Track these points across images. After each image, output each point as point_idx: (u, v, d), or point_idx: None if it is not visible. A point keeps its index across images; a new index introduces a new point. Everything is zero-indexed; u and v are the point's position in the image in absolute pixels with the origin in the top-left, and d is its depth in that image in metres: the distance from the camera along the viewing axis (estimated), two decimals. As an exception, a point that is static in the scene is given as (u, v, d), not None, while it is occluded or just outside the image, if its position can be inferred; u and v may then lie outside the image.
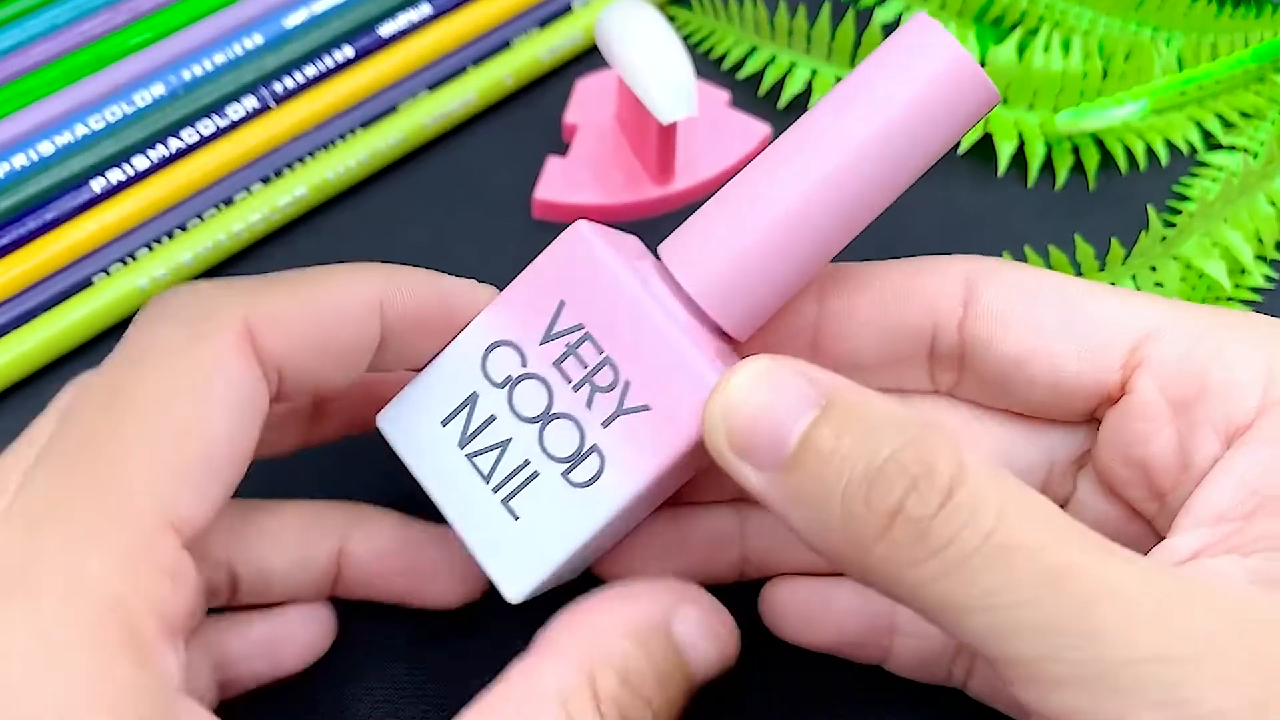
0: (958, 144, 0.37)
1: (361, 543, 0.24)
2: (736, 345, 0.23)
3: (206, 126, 0.35)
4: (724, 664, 0.22)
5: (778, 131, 0.37)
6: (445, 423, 0.22)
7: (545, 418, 0.21)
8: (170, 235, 0.34)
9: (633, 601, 0.21)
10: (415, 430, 0.22)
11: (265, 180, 0.35)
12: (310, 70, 0.36)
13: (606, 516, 0.21)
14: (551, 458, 0.21)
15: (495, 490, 0.22)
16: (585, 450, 0.21)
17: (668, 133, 0.34)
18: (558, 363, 0.21)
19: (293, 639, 0.24)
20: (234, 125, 0.35)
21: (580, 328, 0.21)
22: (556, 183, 0.35)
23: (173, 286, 0.23)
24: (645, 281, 0.21)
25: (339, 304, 0.21)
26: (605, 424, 0.21)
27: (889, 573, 0.19)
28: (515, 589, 0.22)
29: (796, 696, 0.26)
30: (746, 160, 0.37)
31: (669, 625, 0.21)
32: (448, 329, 0.22)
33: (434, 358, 0.22)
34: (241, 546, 0.23)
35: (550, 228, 0.35)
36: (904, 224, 0.32)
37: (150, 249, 0.33)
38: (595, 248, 0.21)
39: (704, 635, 0.21)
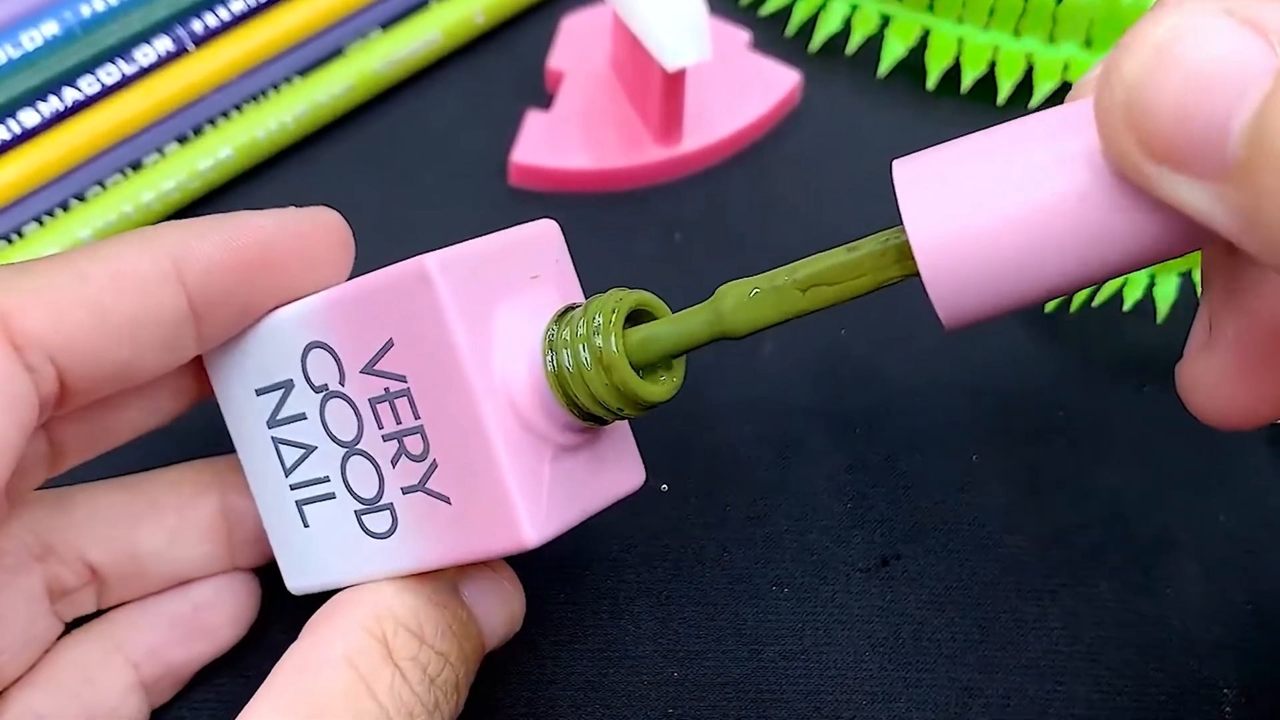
0: (994, 94, 0.36)
1: (244, 495, 0.26)
2: (597, 436, 0.23)
3: (110, 74, 0.34)
4: (512, 626, 0.25)
5: (808, 80, 0.37)
6: (260, 393, 0.24)
7: (351, 449, 0.23)
8: (65, 207, 0.33)
9: (415, 577, 0.23)
10: (233, 386, 0.24)
11: (182, 140, 0.34)
12: (237, 4, 0.35)
13: (390, 573, 0.23)
14: (350, 490, 0.23)
15: (293, 488, 0.24)
16: (381, 503, 0.23)
17: (674, 82, 0.33)
18: (374, 401, 0.22)
19: (216, 610, 0.26)
20: (143, 72, 0.35)
21: (403, 380, 0.21)
22: (538, 143, 0.35)
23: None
24: (484, 353, 0.21)
25: (117, 273, 0.22)
26: (405, 491, 0.22)
27: None
28: (296, 583, 0.25)
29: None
30: (770, 115, 0.36)
31: (456, 586, 0.23)
32: (287, 274, 0.23)
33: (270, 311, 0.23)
34: (90, 536, 0.25)
35: (530, 198, 0.35)
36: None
37: (40, 224, 0.33)
38: (439, 300, 0.21)
39: (492, 595, 0.24)
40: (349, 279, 0.23)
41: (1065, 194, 0.18)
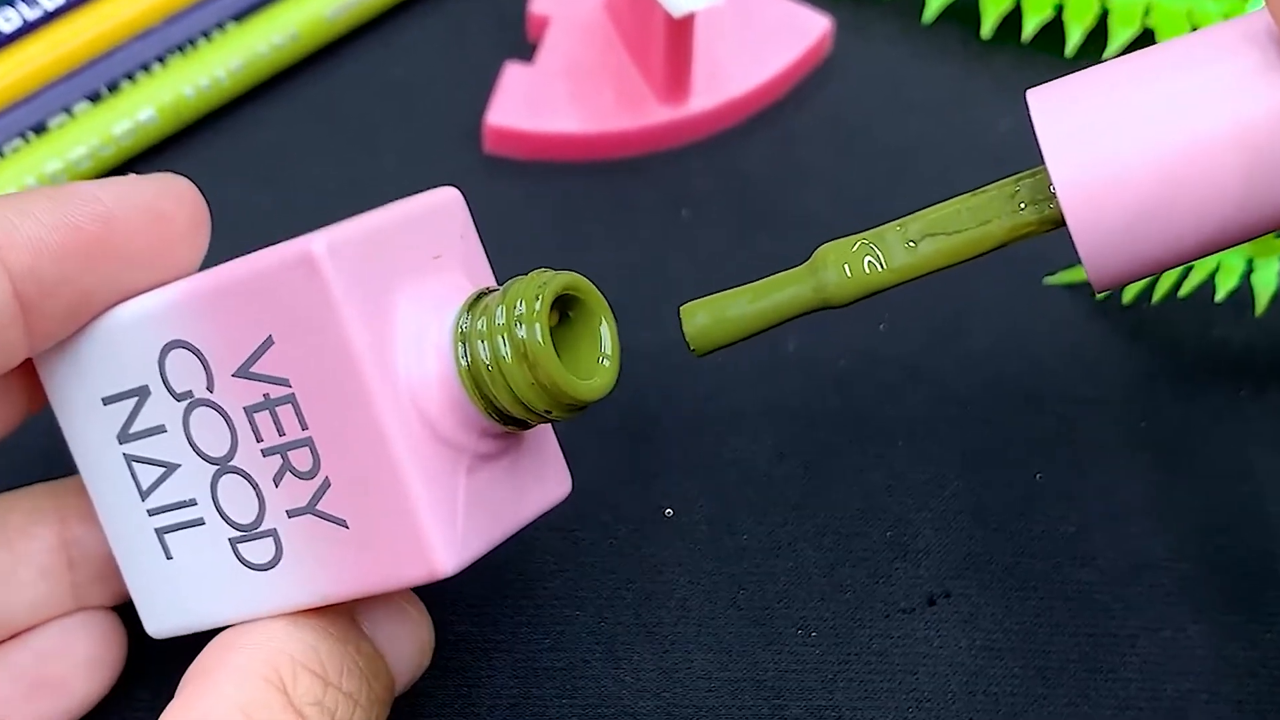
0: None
1: (88, 523, 0.25)
2: (518, 441, 0.23)
3: (8, 19, 0.34)
4: (423, 659, 0.25)
5: (841, 26, 0.37)
6: (107, 402, 0.24)
7: (224, 466, 0.23)
8: (-45, 178, 0.33)
9: (307, 611, 0.23)
10: (74, 394, 0.24)
11: (94, 98, 0.34)
12: (160, -62, 0.35)
13: (274, 611, 0.23)
14: (223, 515, 0.23)
15: (151, 513, 0.24)
16: (262, 529, 0.23)
17: (681, 29, 0.33)
18: (251, 410, 0.22)
19: (65, 659, 0.26)
20: (48, 17, 0.35)
21: (285, 384, 0.21)
22: (518, 102, 0.35)
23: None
24: (383, 349, 0.21)
25: None
26: (291, 515, 0.22)
27: None
28: (156, 626, 0.25)
29: None
30: (796, 68, 0.36)
31: (356, 620, 0.24)
32: (132, 257, 0.23)
33: (114, 305, 0.23)
34: None
35: (509, 168, 0.35)
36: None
37: (-74, 198, 0.33)
38: (329, 288, 0.21)
39: (396, 625, 0.24)
40: (209, 265, 0.23)
41: (1251, 118, 0.18)
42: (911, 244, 0.21)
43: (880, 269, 0.21)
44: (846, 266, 0.21)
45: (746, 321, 0.22)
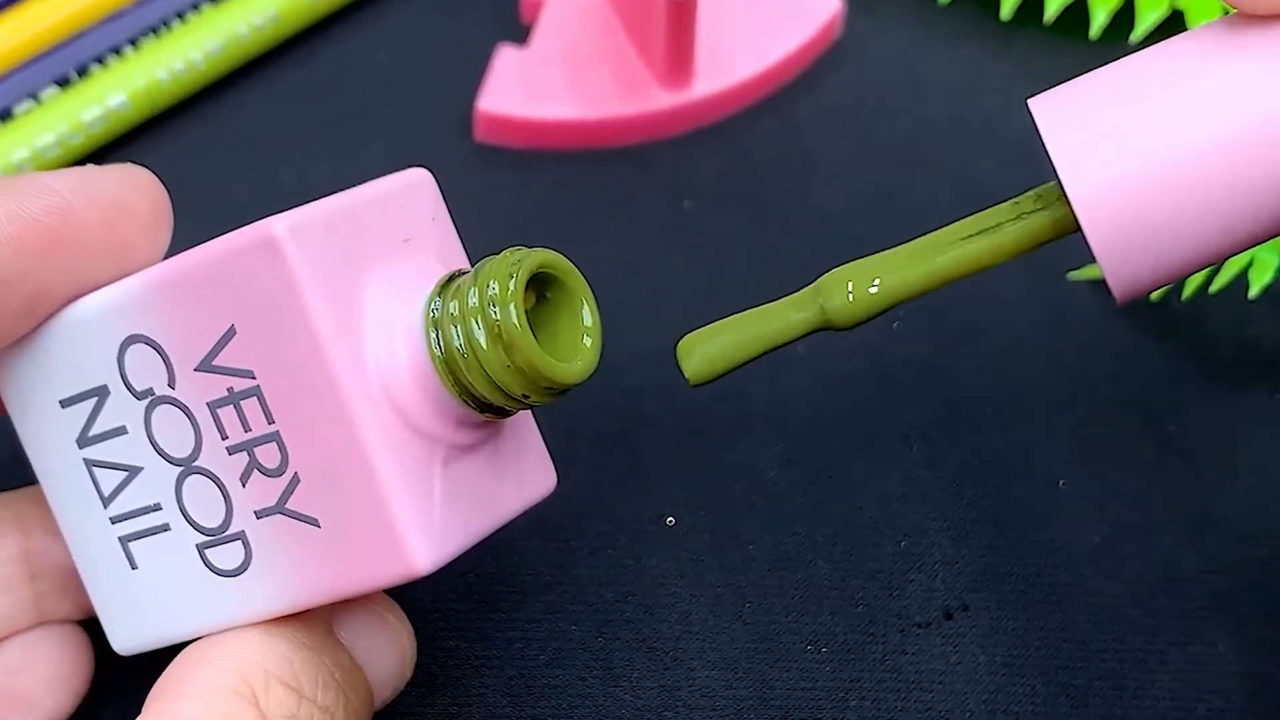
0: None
1: (50, 534, 0.26)
2: (498, 433, 0.23)
3: (-27, 0, 0.34)
4: (404, 671, 0.25)
5: (852, 7, 0.37)
6: (65, 405, 0.24)
7: (188, 467, 0.23)
8: (-84, 167, 0.33)
9: (280, 620, 0.23)
10: (30, 397, 0.24)
11: (63, 83, 0.34)
12: (133, -87, 0.35)
13: (247, 619, 0.23)
14: (188, 519, 0.23)
15: (114, 521, 0.24)
16: (230, 533, 0.23)
17: (683, 9, 0.33)
18: (215, 406, 0.22)
19: (31, 674, 0.26)
20: (15, -2, 0.35)
21: (250, 376, 0.22)
22: (511, 87, 0.35)
23: None
24: (351, 336, 0.21)
25: None
26: (260, 515, 0.22)
27: None
28: (123, 643, 0.25)
29: None
30: (804, 52, 0.36)
31: (332, 629, 0.24)
32: (90, 250, 0.23)
33: (70, 304, 0.23)
34: None
35: (501, 157, 0.35)
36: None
37: (-115, 188, 0.33)
38: (292, 273, 0.21)
39: (376, 634, 0.24)
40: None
41: (1275, 112, 0.19)
42: (919, 268, 0.22)
43: (886, 290, 0.22)
44: (851, 286, 0.22)
45: (745, 349, 0.22)
